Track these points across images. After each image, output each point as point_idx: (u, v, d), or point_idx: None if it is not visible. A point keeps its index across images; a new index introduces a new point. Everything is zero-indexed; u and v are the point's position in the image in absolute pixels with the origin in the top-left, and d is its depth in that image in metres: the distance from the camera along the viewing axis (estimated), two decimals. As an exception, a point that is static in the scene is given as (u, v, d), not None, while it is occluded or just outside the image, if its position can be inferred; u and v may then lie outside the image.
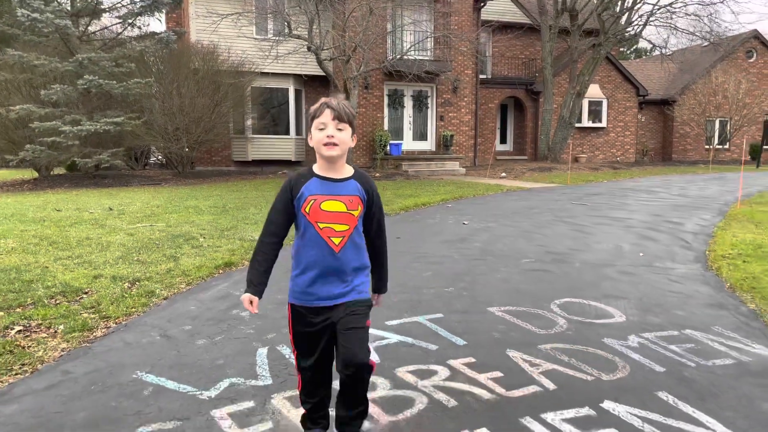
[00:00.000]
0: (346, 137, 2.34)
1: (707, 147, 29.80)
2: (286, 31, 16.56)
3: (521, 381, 3.37)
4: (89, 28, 16.34)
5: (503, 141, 28.32)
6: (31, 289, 4.93)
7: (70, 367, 3.54)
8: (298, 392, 2.60)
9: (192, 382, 3.32)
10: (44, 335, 4.01)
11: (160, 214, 9.32)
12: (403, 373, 3.45)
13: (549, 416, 2.95)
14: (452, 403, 3.08)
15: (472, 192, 13.66)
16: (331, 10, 17.15)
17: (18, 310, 4.45)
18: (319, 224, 2.33)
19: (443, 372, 3.49)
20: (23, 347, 3.79)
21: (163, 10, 17.63)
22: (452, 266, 6.21)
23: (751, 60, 31.02)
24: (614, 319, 4.51)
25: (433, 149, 22.64)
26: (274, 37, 18.51)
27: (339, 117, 2.29)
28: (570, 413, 2.99)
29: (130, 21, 16.05)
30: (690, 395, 3.22)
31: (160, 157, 21.51)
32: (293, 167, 21.02)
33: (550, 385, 3.32)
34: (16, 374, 3.44)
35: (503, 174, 19.28)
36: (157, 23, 17.66)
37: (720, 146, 30.31)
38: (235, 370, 3.49)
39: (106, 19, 17.61)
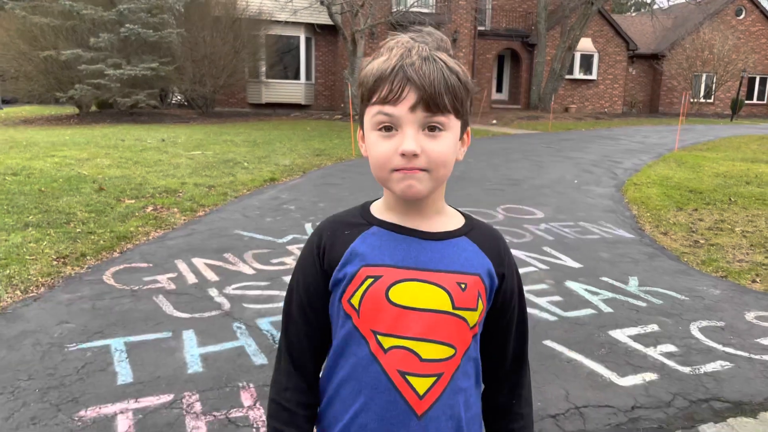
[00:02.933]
0: (446, 149, 0.96)
1: (692, 101, 31.55)
2: (301, -16, 18.27)
3: (464, 240, 5.70)
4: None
5: (499, 90, 30.12)
6: (143, 189, 7.21)
7: (195, 228, 5.86)
8: None
9: (270, 235, 5.65)
10: (167, 213, 6.31)
11: (205, 145, 11.53)
12: (395, 235, 5.77)
13: (475, 253, 5.27)
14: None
15: (461, 135, 15.80)
16: (342, -34, 18.80)
17: (142, 199, 6.74)
18: (380, 339, 0.99)
19: (419, 235, 5.82)
20: (159, 217, 6.09)
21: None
22: (434, 185, 8.49)
23: (740, 17, 32.38)
24: (535, 216, 6.83)
25: (432, 96, 24.52)
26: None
27: (432, 101, 0.92)
28: (488, 252, 5.31)
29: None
30: (561, 249, 5.55)
31: (179, 97, 23.42)
32: (303, 110, 23.01)
33: (481, 242, 5.64)
34: (164, 230, 5.76)
35: (494, 121, 21.32)
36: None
37: (704, 100, 32.05)
38: (294, 231, 5.80)
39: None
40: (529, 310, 3.85)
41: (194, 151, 10.49)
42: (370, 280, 0.98)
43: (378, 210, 1.06)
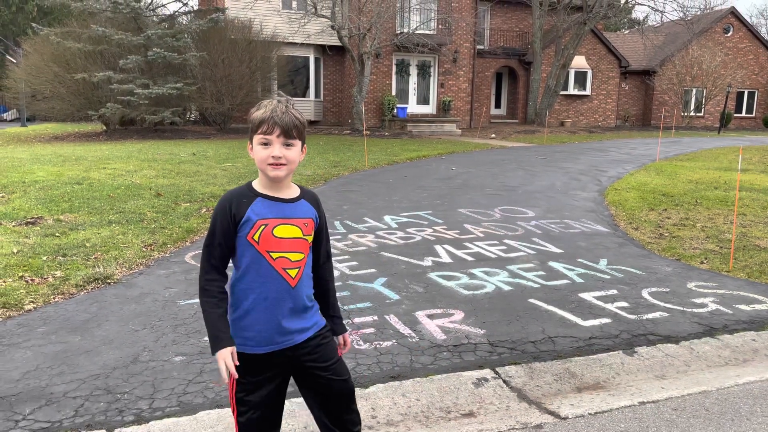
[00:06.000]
0: (294, 155, 1.91)
1: (683, 114, 32.85)
2: (312, 11, 19.68)
3: (467, 232, 6.93)
4: (152, 3, 19.52)
5: (498, 106, 31.47)
6: (193, 194, 8.44)
7: (245, 224, 7.08)
8: None
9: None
10: (219, 214, 7.52)
11: (232, 158, 12.79)
12: (412, 232, 6.98)
13: (477, 243, 6.49)
14: (432, 238, 6.63)
15: (463, 149, 17.09)
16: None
17: (195, 203, 7.97)
18: (271, 254, 1.91)
19: (429, 230, 7.04)
20: (214, 217, 7.31)
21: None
22: (440, 191, 9.74)
23: (728, 35, 33.84)
24: (528, 215, 8.05)
25: (434, 113, 25.89)
26: (300, 11, 21.61)
27: (287, 133, 1.87)
28: (487, 243, 6.53)
29: (184, 1, 19.25)
30: (548, 240, 6.76)
31: (196, 114, 24.76)
32: (312, 126, 24.34)
33: (481, 235, 6.87)
34: (220, 226, 6.97)
35: (493, 135, 22.60)
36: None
37: (694, 113, 33.35)
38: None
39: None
40: (517, 280, 5.11)
41: (225, 164, 11.74)
42: (263, 226, 1.89)
43: (258, 186, 1.95)
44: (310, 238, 2.01)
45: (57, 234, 6.17)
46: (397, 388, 3.31)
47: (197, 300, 4.77)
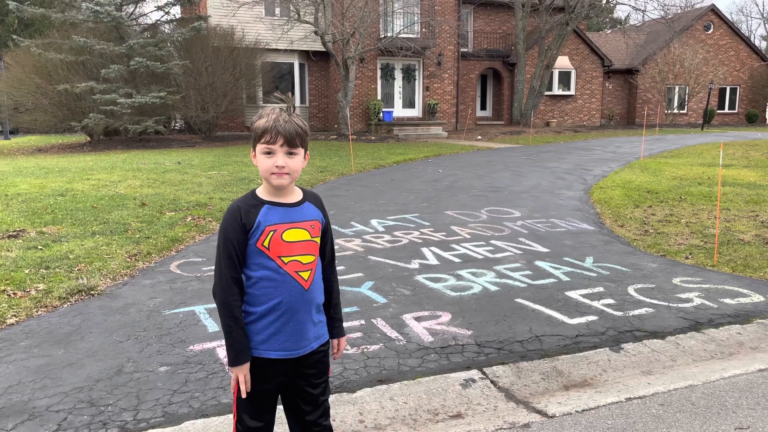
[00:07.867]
0: (297, 164, 1.93)
1: (666, 112, 33.15)
2: (296, 17, 19.67)
3: (454, 234, 6.94)
4: (134, 13, 19.41)
5: (483, 108, 31.60)
6: (178, 203, 8.38)
7: (231, 232, 7.03)
8: None
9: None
10: (204, 221, 7.48)
11: (218, 166, 12.72)
12: (399, 235, 6.98)
13: (464, 245, 6.50)
14: (419, 241, 6.62)
15: (449, 151, 17.13)
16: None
17: (180, 212, 7.91)
18: (282, 259, 1.93)
19: (416, 232, 7.04)
20: (199, 225, 7.26)
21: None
22: (427, 194, 9.75)
23: (709, 32, 34.24)
24: (514, 215, 8.08)
25: (420, 116, 25.94)
26: (283, 17, 21.59)
27: (290, 142, 1.87)
28: (474, 244, 6.54)
29: (166, 10, 19.18)
30: (533, 239, 6.78)
31: (180, 122, 24.64)
32: (299, 132, 24.22)
33: (468, 236, 6.88)
34: (206, 234, 6.92)
35: (479, 137, 22.68)
36: (176, 8, 20.20)
37: (678, 111, 33.68)
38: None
39: (145, 7, 20.58)
40: (504, 280, 5.12)
41: (211, 171, 11.68)
42: (272, 232, 1.92)
43: (262, 194, 1.97)
44: (318, 240, 2.03)
45: (40, 246, 6.10)
46: (384, 392, 3.29)
47: (182, 309, 4.82)
